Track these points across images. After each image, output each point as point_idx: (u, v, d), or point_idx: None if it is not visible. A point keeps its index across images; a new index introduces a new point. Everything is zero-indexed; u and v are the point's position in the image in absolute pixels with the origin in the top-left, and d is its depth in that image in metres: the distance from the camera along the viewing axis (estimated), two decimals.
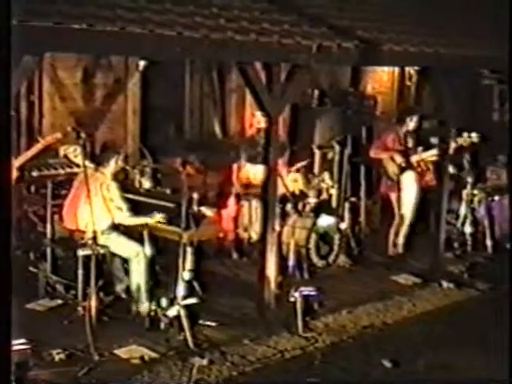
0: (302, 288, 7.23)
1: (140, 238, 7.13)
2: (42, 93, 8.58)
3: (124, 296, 7.22)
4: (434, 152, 9.14)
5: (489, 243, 9.78)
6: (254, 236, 8.55)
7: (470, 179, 9.66)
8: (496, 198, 9.98)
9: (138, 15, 5.96)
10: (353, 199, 9.44)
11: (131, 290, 7.07)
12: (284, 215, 8.47)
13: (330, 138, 9.75)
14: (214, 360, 6.27)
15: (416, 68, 11.94)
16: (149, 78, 9.46)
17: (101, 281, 6.79)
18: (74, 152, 7.25)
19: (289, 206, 8.61)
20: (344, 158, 9.21)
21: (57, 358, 6.05)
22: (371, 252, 9.34)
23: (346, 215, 9.16)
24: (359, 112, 10.08)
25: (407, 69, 12.17)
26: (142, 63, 9.12)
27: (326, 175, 9.12)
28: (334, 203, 9.13)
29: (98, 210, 6.71)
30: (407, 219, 9.24)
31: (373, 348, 6.82)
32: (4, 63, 4.09)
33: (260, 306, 7.24)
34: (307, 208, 8.76)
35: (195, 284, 7.28)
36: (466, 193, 9.65)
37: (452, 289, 8.49)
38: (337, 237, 8.65)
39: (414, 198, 9.19)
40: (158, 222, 7.13)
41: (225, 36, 6.24)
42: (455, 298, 8.31)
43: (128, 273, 7.17)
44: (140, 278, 6.99)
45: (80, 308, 6.70)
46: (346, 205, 9.20)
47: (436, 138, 9.25)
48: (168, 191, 7.94)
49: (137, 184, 8.03)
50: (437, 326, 7.41)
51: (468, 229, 9.65)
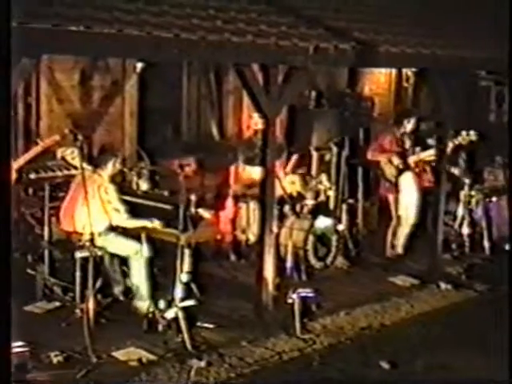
0: (300, 289, 7.25)
1: (138, 239, 7.11)
2: (40, 95, 8.56)
3: (122, 298, 7.23)
4: (431, 152, 9.14)
5: (486, 244, 9.78)
6: (252, 238, 8.55)
7: (467, 180, 9.67)
8: (493, 199, 9.99)
9: (136, 17, 5.97)
10: (350, 201, 9.45)
11: (130, 289, 7.07)
12: (282, 217, 8.46)
13: (328, 140, 9.72)
14: (211, 362, 6.27)
15: (413, 69, 11.95)
16: (146, 79, 9.45)
17: (98, 282, 6.80)
18: (72, 154, 7.23)
19: (286, 208, 8.60)
20: (341, 160, 9.22)
21: (55, 360, 6.04)
22: (369, 253, 9.35)
23: (344, 217, 9.17)
24: (356, 113, 10.09)
25: (404, 70, 12.16)
26: (139, 65, 9.11)
27: (324, 177, 9.13)
28: (331, 205, 9.12)
29: (95, 212, 6.71)
30: (408, 220, 9.23)
31: (371, 349, 6.82)
32: (4, 65, 4.10)
33: (258, 307, 7.24)
34: (305, 210, 8.76)
35: (193, 286, 7.28)
36: (463, 194, 9.66)
37: (450, 290, 8.50)
38: (334, 238, 8.64)
39: (413, 199, 9.19)
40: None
41: (222, 38, 6.24)
42: (453, 300, 8.31)
43: (126, 275, 7.18)
44: (140, 277, 6.99)
45: (78, 310, 6.69)
46: (344, 206, 9.22)
47: (433, 140, 9.25)
48: (166, 193, 7.91)
49: (134, 186, 8.01)
50: (435, 328, 7.42)
51: (466, 230, 9.67)
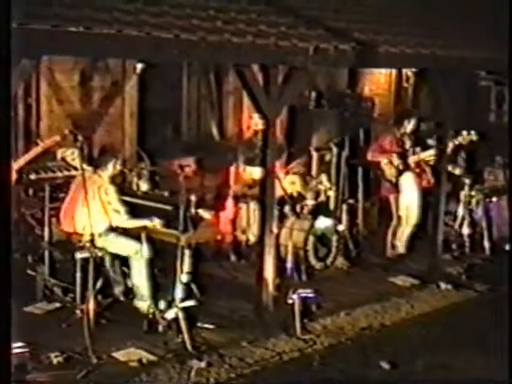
0: (300, 290, 7.24)
1: (138, 239, 7.11)
2: (40, 96, 8.56)
3: (122, 299, 7.22)
4: (432, 152, 9.14)
5: (487, 244, 9.78)
6: (252, 238, 8.55)
7: (467, 180, 9.67)
8: (494, 199, 9.99)
9: (135, 18, 5.97)
10: (350, 201, 9.45)
11: (131, 290, 7.07)
12: (282, 217, 8.46)
13: (328, 140, 9.73)
14: (212, 362, 6.27)
15: (413, 70, 11.94)
16: (146, 80, 9.45)
17: (99, 283, 6.80)
18: (72, 155, 7.24)
19: (287, 208, 8.60)
20: (342, 160, 9.21)
21: (55, 360, 6.04)
22: (369, 254, 9.35)
23: (344, 217, 9.17)
24: (356, 114, 10.08)
25: (404, 70, 12.16)
26: (139, 66, 9.11)
27: (324, 177, 9.12)
28: (331, 205, 9.12)
29: (95, 213, 6.71)
30: (409, 220, 9.24)
31: (371, 350, 6.82)
32: (4, 65, 4.10)
33: (258, 308, 7.23)
34: (305, 210, 8.76)
35: (193, 286, 7.28)
36: (463, 194, 9.66)
37: (450, 290, 8.50)
38: (334, 239, 8.64)
39: (414, 200, 9.19)
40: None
41: (222, 38, 6.24)
42: (453, 300, 8.31)
43: (126, 275, 7.17)
44: (140, 277, 7.00)
45: (78, 311, 6.69)
46: (344, 207, 9.22)
47: (433, 140, 9.25)
48: (166, 193, 7.92)
49: (134, 187, 8.02)
50: (435, 328, 7.42)
51: (466, 230, 9.67)
